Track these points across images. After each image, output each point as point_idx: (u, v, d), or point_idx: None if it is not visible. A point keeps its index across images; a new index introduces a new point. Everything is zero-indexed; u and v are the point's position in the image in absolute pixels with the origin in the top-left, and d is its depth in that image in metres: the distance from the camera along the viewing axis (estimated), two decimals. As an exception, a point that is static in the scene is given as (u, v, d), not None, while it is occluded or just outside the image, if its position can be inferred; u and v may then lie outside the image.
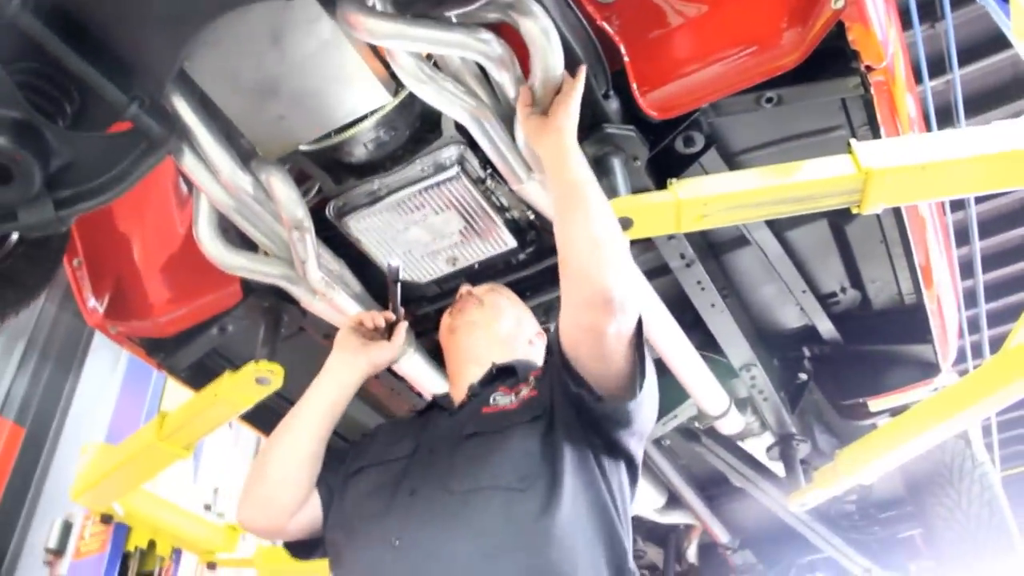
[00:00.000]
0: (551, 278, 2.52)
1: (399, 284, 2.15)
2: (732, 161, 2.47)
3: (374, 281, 2.53)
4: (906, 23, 5.99)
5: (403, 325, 2.13)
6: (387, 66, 1.98)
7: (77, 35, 1.87)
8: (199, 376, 3.00)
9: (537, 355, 2.19)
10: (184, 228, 2.75)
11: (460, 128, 2.14)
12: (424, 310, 2.71)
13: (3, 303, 2.39)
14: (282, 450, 1.94)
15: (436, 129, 2.22)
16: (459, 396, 2.03)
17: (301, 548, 1.99)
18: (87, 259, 2.79)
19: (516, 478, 1.65)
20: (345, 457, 2.03)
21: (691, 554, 5.20)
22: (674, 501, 4.40)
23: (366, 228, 2.37)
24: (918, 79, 6.16)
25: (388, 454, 1.91)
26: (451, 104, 1.92)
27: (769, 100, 2.20)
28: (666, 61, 2.13)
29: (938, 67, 6.56)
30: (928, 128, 3.83)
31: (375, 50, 1.93)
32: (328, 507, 1.92)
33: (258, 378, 2.62)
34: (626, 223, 2.02)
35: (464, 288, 2.29)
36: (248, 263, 2.32)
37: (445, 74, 1.92)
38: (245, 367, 2.65)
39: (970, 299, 6.81)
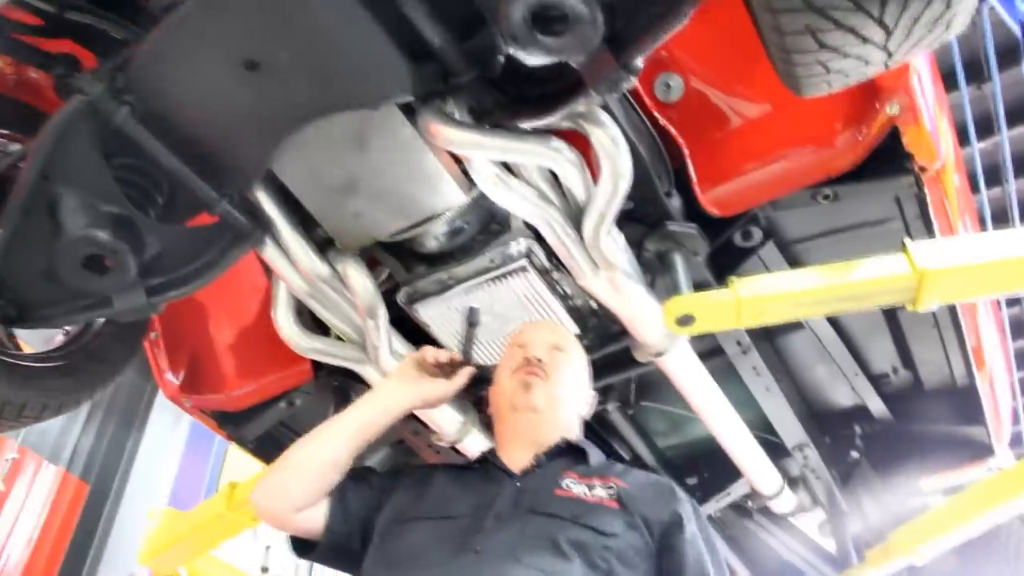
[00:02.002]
0: (611, 363, 2.62)
1: (475, 328, 2.23)
2: (787, 250, 2.55)
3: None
4: (952, 84, 6.02)
5: (467, 369, 2.13)
6: (461, 165, 2.10)
7: (175, 139, 2.00)
8: (266, 447, 3.12)
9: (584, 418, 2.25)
10: (257, 307, 2.88)
11: (528, 222, 2.25)
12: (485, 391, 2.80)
13: (92, 379, 2.52)
14: (308, 449, 2.00)
15: (505, 223, 2.32)
16: (518, 461, 2.04)
17: (301, 546, 2.04)
18: (164, 334, 2.92)
19: (584, 572, 1.72)
20: (381, 487, 2.07)
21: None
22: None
23: (435, 315, 2.48)
24: (964, 141, 6.22)
25: (447, 510, 1.94)
26: (523, 206, 2.03)
27: (826, 197, 2.29)
28: (726, 160, 2.23)
29: (986, 128, 6.58)
30: (979, 213, 3.88)
31: (452, 152, 2.05)
32: (356, 536, 1.97)
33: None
34: (688, 320, 2.10)
35: (531, 353, 2.17)
36: (323, 347, 2.44)
37: (518, 178, 2.03)
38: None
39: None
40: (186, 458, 5.25)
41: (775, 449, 3.22)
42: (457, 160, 2.09)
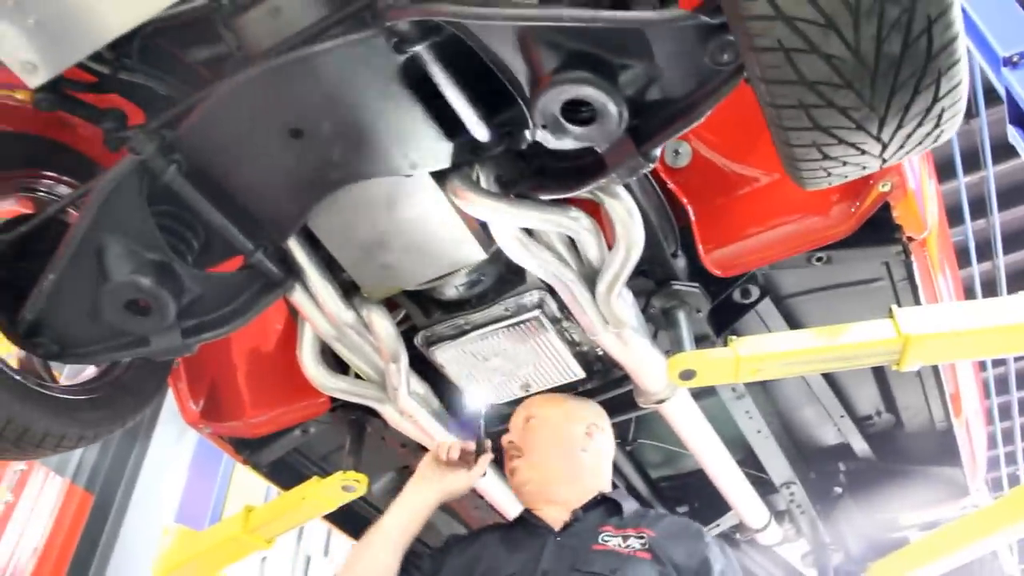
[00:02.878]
0: (616, 405, 2.77)
1: (483, 416, 2.40)
2: (780, 303, 2.72)
3: (452, 400, 2.78)
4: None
5: (486, 457, 2.38)
6: (482, 223, 2.25)
7: (217, 194, 2.14)
8: (279, 472, 3.27)
9: (594, 457, 2.42)
10: (276, 339, 3.02)
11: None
12: (498, 428, 2.95)
13: (125, 410, 2.64)
14: (362, 565, 2.21)
15: (520, 275, 2.47)
16: (555, 519, 2.22)
17: None
18: (185, 363, 3.06)
19: None
20: (432, 570, 2.27)
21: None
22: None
23: (451, 358, 2.63)
24: (950, 175, 6.38)
25: (498, 572, 2.12)
26: (541, 267, 2.19)
27: (819, 259, 2.45)
28: (729, 225, 2.39)
29: (973, 162, 6.74)
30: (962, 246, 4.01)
31: (475, 215, 2.21)
32: None
33: (345, 486, 2.88)
34: (690, 374, 2.27)
35: (504, 439, 2.48)
36: (347, 387, 2.59)
37: (537, 241, 2.18)
38: (333, 475, 2.91)
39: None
40: (193, 472, 5.36)
41: (763, 484, 3.38)
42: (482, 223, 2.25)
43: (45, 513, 4.66)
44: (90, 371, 2.65)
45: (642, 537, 2.06)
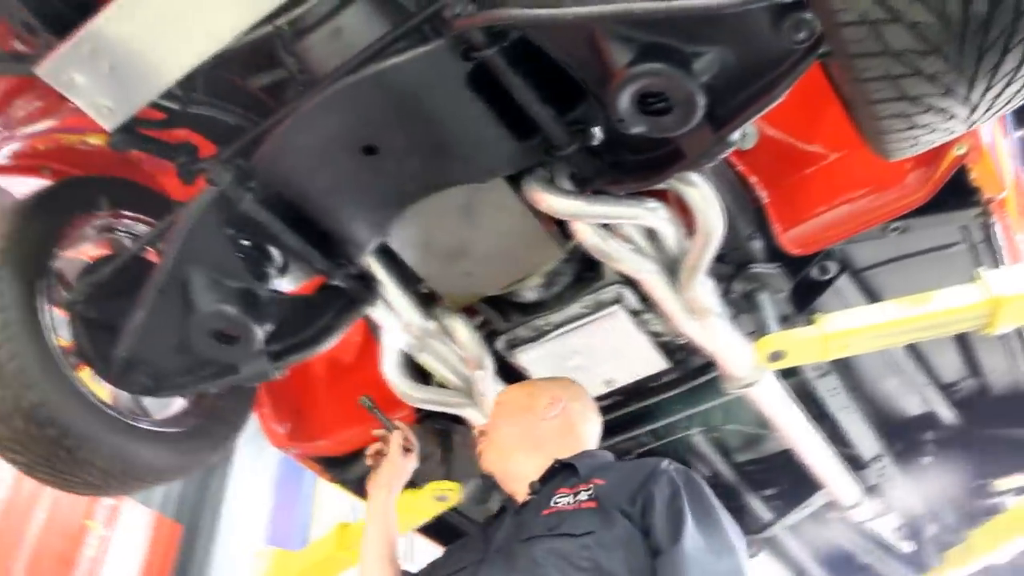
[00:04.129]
0: (699, 393, 2.77)
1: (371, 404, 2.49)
2: (858, 277, 2.69)
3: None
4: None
5: (397, 432, 2.44)
6: (558, 222, 2.26)
7: (295, 218, 2.17)
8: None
9: (560, 425, 2.25)
10: (355, 354, 3.06)
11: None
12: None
13: (218, 439, 2.69)
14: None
15: (596, 271, 2.48)
16: (520, 495, 2.14)
17: None
18: (267, 387, 3.09)
19: None
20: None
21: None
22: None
23: (533, 359, 2.64)
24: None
25: (461, 561, 2.08)
26: (621, 261, 2.19)
27: (895, 229, 2.42)
28: (803, 203, 2.38)
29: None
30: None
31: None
32: None
33: (438, 496, 2.90)
34: (778, 356, 2.25)
35: (476, 429, 2.45)
36: (433, 396, 2.61)
37: (616, 235, 2.18)
38: (426, 486, 2.93)
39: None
40: (278, 493, 5.42)
41: (852, 460, 3.34)
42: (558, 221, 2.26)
43: (138, 545, 4.75)
44: (179, 403, 2.68)
45: (590, 489, 1.93)
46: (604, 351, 2.62)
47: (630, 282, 2.42)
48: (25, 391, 2.12)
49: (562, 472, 2.10)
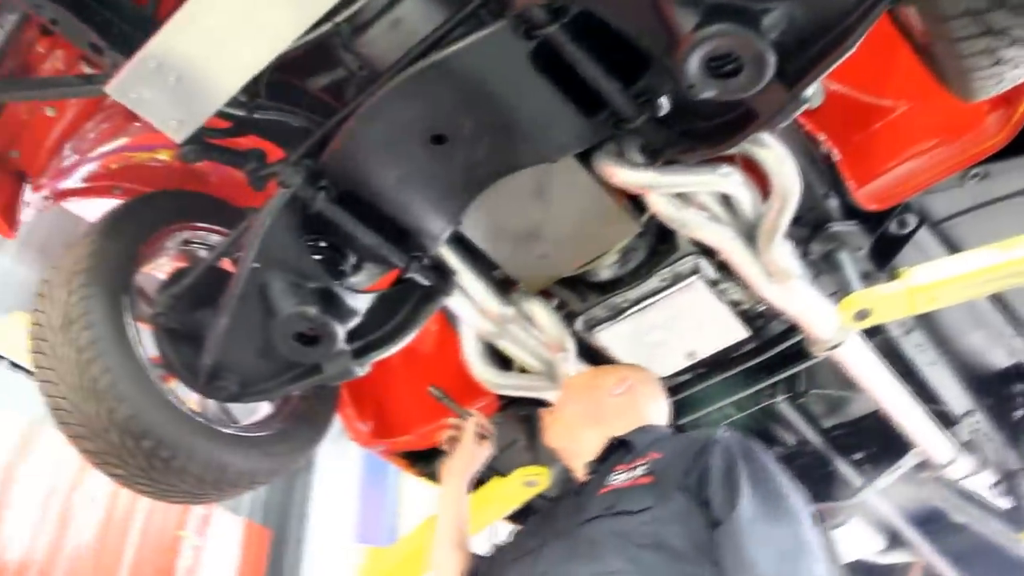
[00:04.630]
0: (780, 361, 2.73)
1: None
2: (937, 228, 2.63)
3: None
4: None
5: (471, 418, 2.45)
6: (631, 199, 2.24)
7: (367, 213, 2.17)
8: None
9: (624, 403, 2.23)
10: (433, 346, 3.06)
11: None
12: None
13: (304, 441, 2.71)
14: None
15: (671, 243, 2.45)
16: (580, 473, 2.16)
17: None
18: (348, 385, 3.12)
19: (625, 559, 1.72)
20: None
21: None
22: (895, 542, 4.45)
23: (613, 338, 2.62)
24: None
25: (523, 548, 2.07)
26: (698, 230, 2.16)
27: (975, 176, 2.36)
28: (876, 157, 2.32)
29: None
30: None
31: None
32: None
33: (527, 481, 2.90)
34: (864, 314, 2.21)
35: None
36: (517, 382, 2.61)
37: (691, 204, 2.16)
38: (515, 472, 2.93)
39: None
40: (364, 491, 5.46)
41: (942, 417, 3.27)
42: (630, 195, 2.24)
43: (231, 552, 4.83)
44: (265, 408, 2.72)
45: (646, 464, 1.91)
46: (684, 324, 2.59)
47: (706, 252, 2.39)
48: (118, 404, 2.15)
49: (619, 449, 2.08)
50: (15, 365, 4.67)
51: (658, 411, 2.28)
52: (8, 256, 4.61)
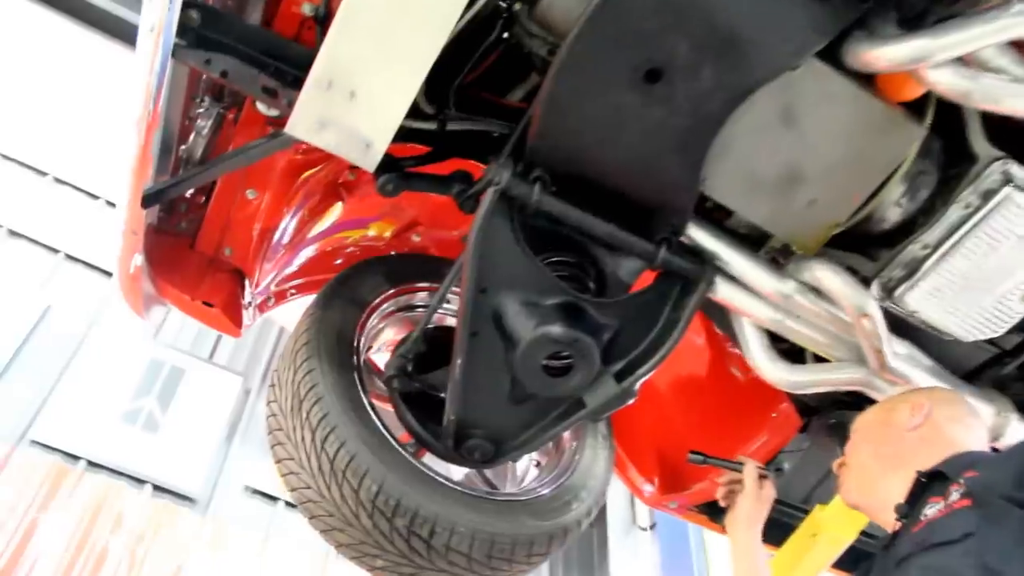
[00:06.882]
0: None
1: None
2: None
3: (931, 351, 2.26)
4: None
5: (750, 467, 2.23)
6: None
7: (593, 198, 1.88)
8: (771, 532, 2.81)
9: (926, 434, 1.91)
10: (701, 373, 2.70)
11: (994, 141, 1.91)
12: (1009, 368, 2.35)
13: (581, 497, 2.38)
14: None
15: (964, 154, 1.96)
16: (890, 525, 1.86)
17: None
18: (621, 443, 2.74)
19: None
20: None
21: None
22: None
23: (920, 299, 2.09)
24: None
25: None
26: (1009, 98, 1.68)
27: None
28: None
29: None
30: None
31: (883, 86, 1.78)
32: None
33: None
34: None
35: (835, 463, 2.15)
36: (817, 376, 2.18)
37: (984, 70, 1.69)
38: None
39: None
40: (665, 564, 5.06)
41: None
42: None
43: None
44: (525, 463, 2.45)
45: (961, 487, 1.64)
46: (1008, 257, 2.04)
47: (1013, 154, 1.89)
48: (361, 480, 1.95)
49: (929, 485, 1.80)
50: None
51: (968, 434, 1.94)
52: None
